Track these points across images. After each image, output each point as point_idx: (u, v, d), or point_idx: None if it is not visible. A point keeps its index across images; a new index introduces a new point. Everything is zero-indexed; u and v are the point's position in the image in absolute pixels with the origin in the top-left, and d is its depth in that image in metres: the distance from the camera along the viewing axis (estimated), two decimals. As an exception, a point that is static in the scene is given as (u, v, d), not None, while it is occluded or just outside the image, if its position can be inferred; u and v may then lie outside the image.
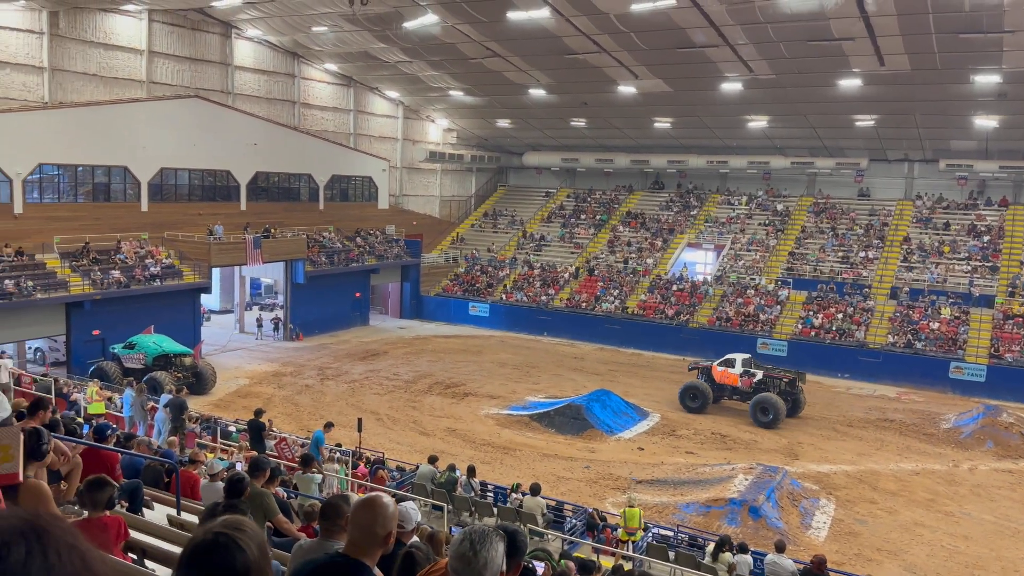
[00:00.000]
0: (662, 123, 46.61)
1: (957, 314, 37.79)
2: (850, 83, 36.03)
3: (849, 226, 46.31)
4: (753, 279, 43.54)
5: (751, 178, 50.76)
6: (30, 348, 33.22)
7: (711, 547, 15.13)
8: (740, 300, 41.85)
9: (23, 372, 23.76)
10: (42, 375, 25.05)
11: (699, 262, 48.71)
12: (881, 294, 40.77)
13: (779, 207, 49.14)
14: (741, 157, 49.03)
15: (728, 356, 31.55)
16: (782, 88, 38.18)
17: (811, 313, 39.89)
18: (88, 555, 0.89)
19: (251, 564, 1.69)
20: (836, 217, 47.18)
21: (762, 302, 41.34)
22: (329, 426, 19.20)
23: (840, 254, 44.38)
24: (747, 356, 31.79)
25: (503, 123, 51.86)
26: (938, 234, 43.90)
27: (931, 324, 37.43)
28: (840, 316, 39.34)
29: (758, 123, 44.07)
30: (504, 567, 2.61)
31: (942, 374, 35.46)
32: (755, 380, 30.35)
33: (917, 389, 35.08)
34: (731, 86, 38.64)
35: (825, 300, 40.64)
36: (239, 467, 11.63)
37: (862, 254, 43.91)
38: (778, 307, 40.93)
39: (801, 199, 49.48)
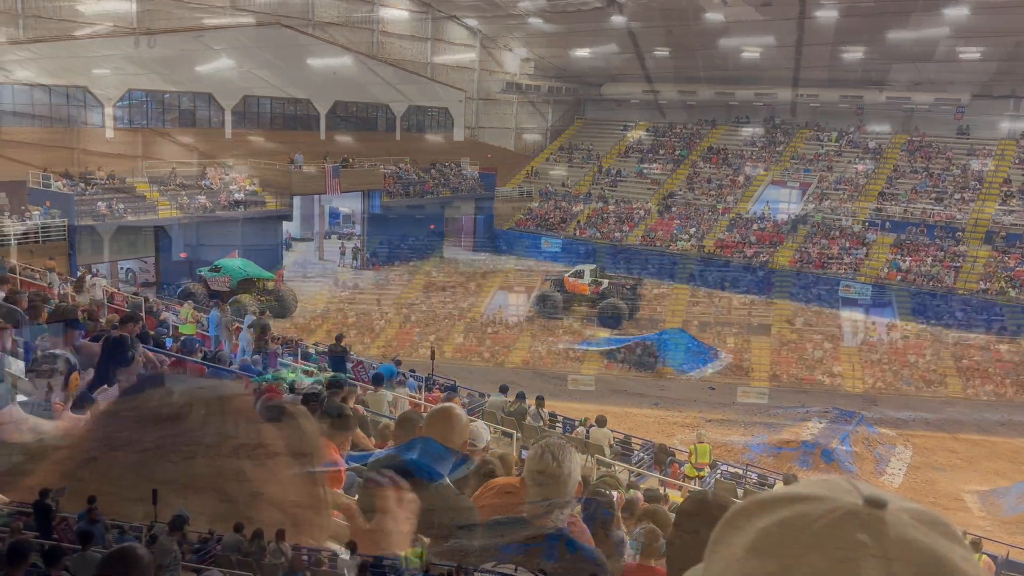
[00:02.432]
0: (750, 53, 44.56)
1: (1058, 261, 35.71)
2: (956, 12, 33.63)
3: (945, 166, 43.88)
4: (839, 219, 41.92)
5: (842, 113, 48.42)
6: (122, 269, 34.78)
7: (780, 485, 14.97)
8: (824, 241, 40.42)
9: (115, 291, 24.89)
10: (133, 294, 26.25)
11: (783, 200, 47.08)
12: (975, 239, 38.73)
13: (871, 144, 46.86)
14: (833, 91, 46.69)
15: (578, 267, 35.16)
16: (880, 16, 35.88)
17: (898, 256, 38.26)
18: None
19: None
20: (931, 156, 44.74)
21: (848, 244, 39.84)
22: (398, 362, 19.87)
23: (933, 195, 42.21)
24: (594, 267, 35.20)
25: (582, 52, 50.49)
26: (1043, 176, 41.26)
27: (1029, 271, 35.51)
28: (929, 260, 37.65)
29: (853, 55, 41.70)
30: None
31: (1037, 323, 33.78)
32: (602, 288, 33.30)
33: (1009, 338, 33.52)
34: (826, 14, 36.57)
35: (914, 243, 38.89)
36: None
37: (957, 196, 41.66)
38: (864, 249, 39.39)
39: (895, 136, 47.02)
